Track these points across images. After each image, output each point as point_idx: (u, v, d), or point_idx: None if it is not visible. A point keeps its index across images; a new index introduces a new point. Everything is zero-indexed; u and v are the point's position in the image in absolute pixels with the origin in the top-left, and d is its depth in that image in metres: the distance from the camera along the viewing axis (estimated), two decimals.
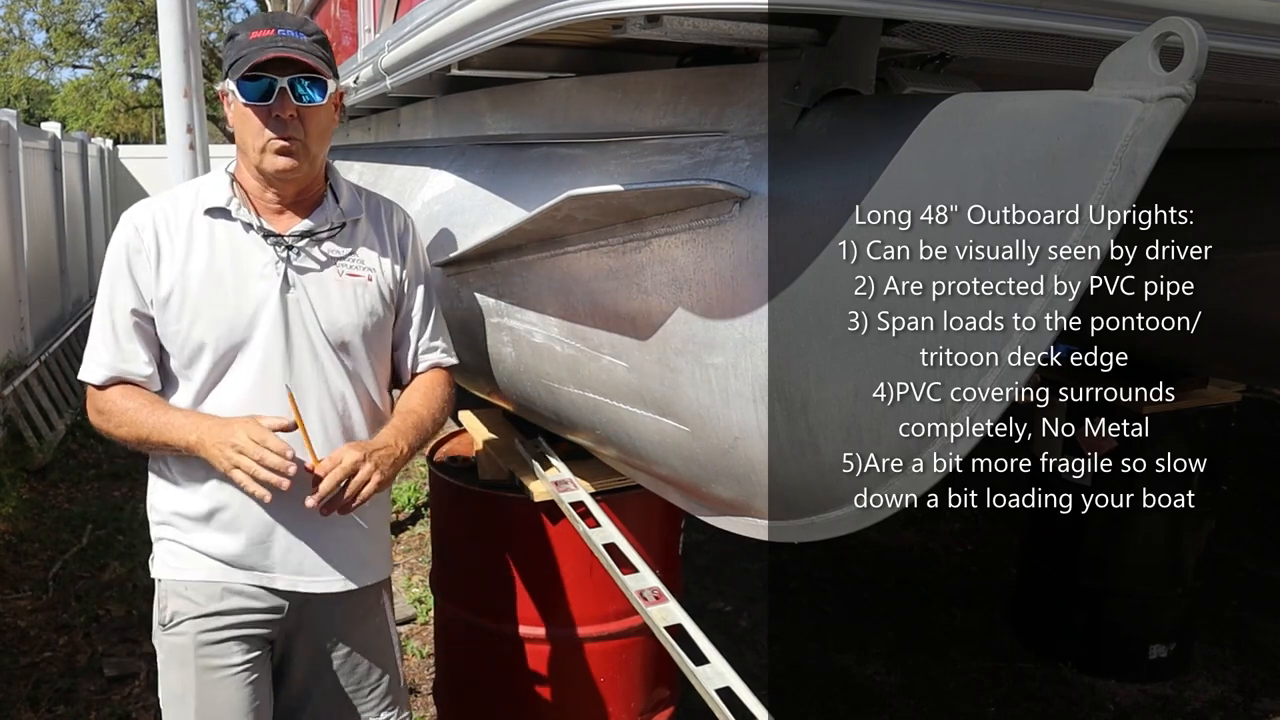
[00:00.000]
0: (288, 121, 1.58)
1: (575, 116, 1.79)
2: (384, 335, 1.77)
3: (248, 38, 1.60)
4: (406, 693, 1.91)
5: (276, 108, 1.57)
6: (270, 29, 1.60)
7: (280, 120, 1.58)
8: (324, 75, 1.59)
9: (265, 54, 1.55)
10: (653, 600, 1.80)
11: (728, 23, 1.22)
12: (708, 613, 3.50)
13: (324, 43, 1.64)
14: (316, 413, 1.66)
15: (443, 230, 2.08)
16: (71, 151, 8.43)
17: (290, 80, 1.57)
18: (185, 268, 1.62)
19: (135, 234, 1.63)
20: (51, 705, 2.91)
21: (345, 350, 1.70)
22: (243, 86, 1.56)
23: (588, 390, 1.67)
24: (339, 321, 1.68)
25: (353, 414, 1.71)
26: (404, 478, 5.03)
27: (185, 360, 1.63)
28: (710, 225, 1.31)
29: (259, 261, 1.64)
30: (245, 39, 1.60)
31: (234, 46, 1.61)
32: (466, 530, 2.14)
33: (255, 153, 1.61)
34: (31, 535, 4.13)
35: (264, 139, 1.59)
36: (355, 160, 3.95)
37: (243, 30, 1.63)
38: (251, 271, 1.64)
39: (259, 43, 1.57)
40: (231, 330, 1.62)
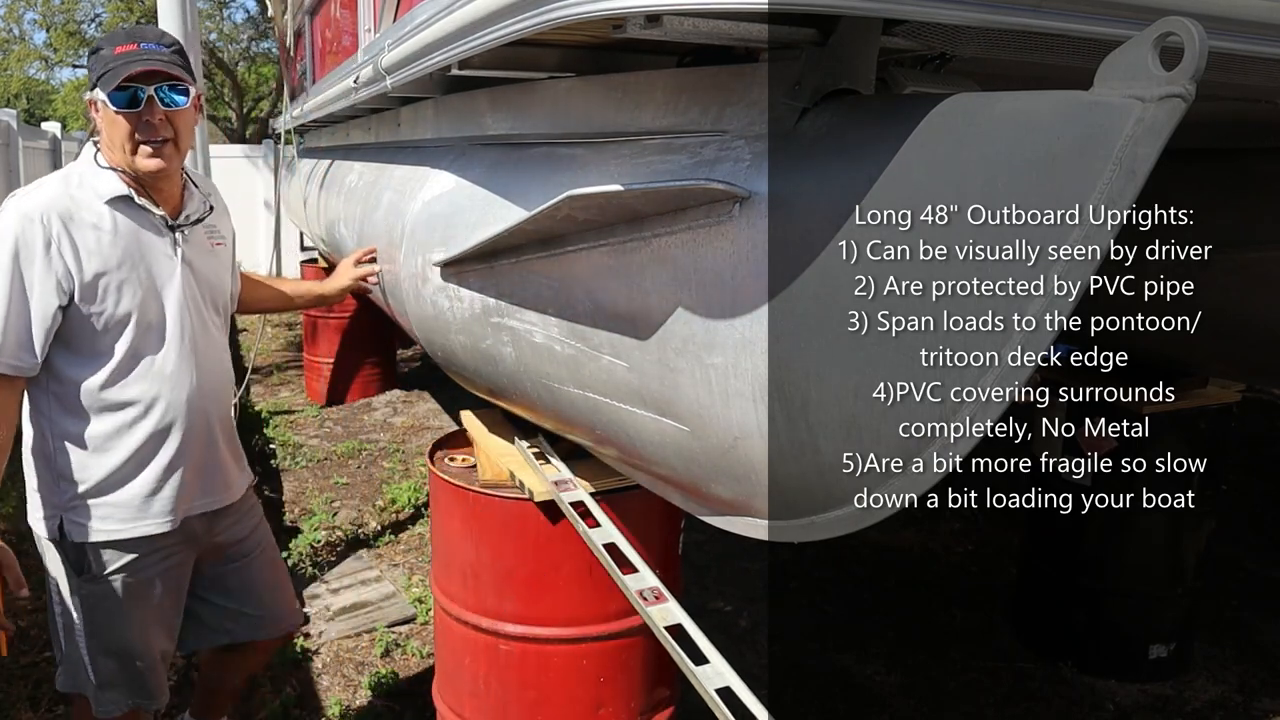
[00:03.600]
0: (158, 125, 1.81)
1: (575, 116, 1.79)
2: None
3: (113, 52, 1.81)
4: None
5: (146, 113, 1.80)
6: (133, 43, 1.82)
7: (150, 124, 1.80)
8: (185, 81, 1.83)
9: (133, 68, 1.77)
10: (653, 600, 1.80)
11: (728, 23, 1.22)
12: (708, 613, 3.50)
13: (182, 53, 1.88)
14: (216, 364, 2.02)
15: (443, 230, 2.08)
16: (71, 151, 8.44)
17: (156, 88, 1.80)
18: (105, 251, 1.82)
19: (38, 224, 1.77)
20: (51, 705, 2.91)
21: (222, 311, 2.07)
22: (113, 96, 1.79)
23: (588, 390, 1.67)
24: (219, 288, 2.05)
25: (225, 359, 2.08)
26: (404, 477, 5.03)
27: (109, 337, 1.84)
28: (710, 225, 1.31)
29: (161, 244, 1.91)
30: (110, 54, 1.81)
31: (100, 60, 1.82)
32: (466, 530, 2.14)
33: (126, 155, 1.83)
34: (31, 535, 4.13)
35: (133, 143, 1.82)
36: (355, 160, 3.95)
37: (107, 45, 1.84)
38: (157, 252, 1.90)
39: (124, 56, 1.79)
40: (147, 308, 1.86)
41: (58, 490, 1.90)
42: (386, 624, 3.44)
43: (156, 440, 1.91)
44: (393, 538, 4.28)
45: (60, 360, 1.84)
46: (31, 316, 1.77)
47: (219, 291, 2.05)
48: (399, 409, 6.43)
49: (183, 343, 1.92)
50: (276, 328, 9.43)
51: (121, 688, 2.00)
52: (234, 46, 19.27)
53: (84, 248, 1.80)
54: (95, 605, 1.94)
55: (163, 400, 1.90)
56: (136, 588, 1.96)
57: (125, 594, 1.94)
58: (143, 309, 1.86)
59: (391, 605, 3.58)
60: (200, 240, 2.00)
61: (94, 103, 1.85)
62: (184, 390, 1.93)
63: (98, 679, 1.98)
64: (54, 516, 1.92)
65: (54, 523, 1.92)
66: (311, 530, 4.24)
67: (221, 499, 2.07)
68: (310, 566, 3.92)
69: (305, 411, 6.36)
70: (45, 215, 1.78)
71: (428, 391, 6.74)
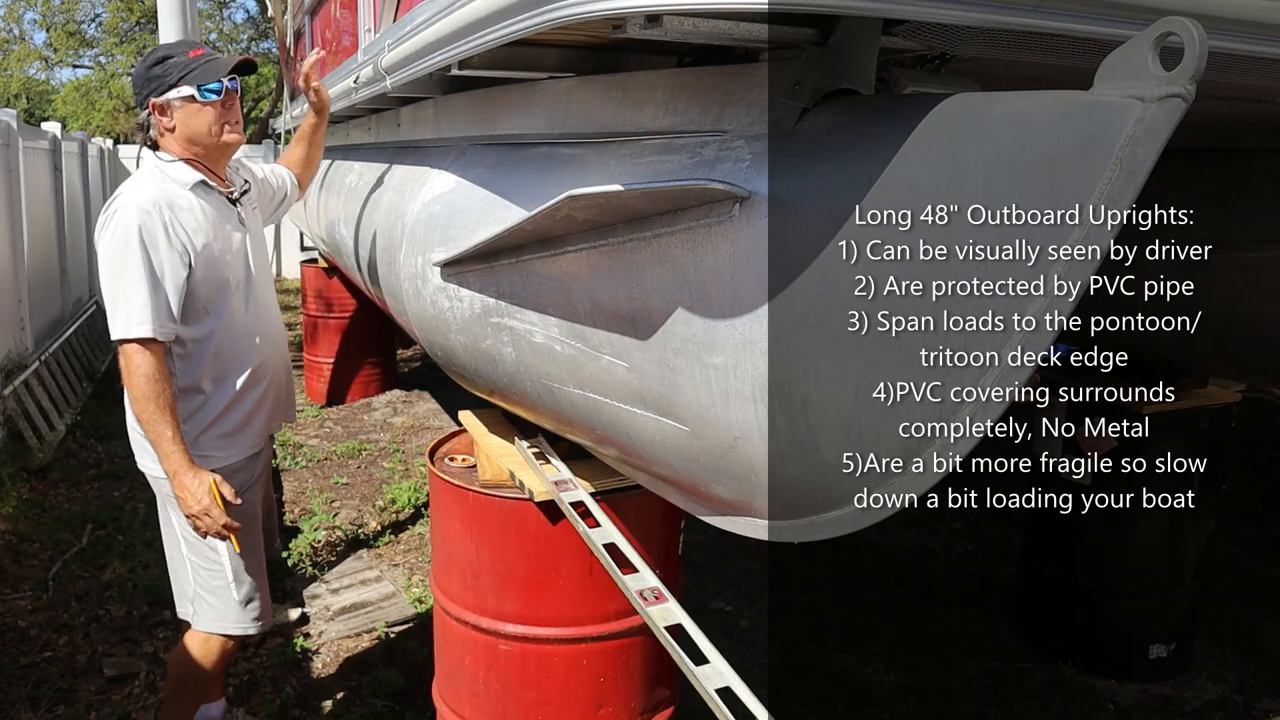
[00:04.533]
0: (235, 108, 2.24)
1: (575, 116, 1.79)
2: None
3: (188, 56, 2.20)
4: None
5: (227, 100, 2.22)
6: (200, 49, 2.24)
7: (230, 108, 2.23)
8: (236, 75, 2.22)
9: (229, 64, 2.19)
10: (653, 600, 1.80)
11: (728, 23, 1.22)
12: (708, 613, 3.50)
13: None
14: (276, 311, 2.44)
15: (443, 230, 2.08)
16: (71, 151, 8.43)
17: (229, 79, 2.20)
18: (204, 227, 2.18)
19: (153, 212, 2.10)
20: (51, 705, 2.91)
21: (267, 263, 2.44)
22: (204, 91, 2.17)
23: (588, 390, 1.67)
24: (263, 244, 2.44)
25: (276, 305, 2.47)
26: (404, 477, 5.03)
27: (214, 300, 2.21)
28: (710, 225, 1.31)
29: (229, 217, 2.29)
30: (187, 58, 2.19)
31: (178, 65, 2.18)
32: (466, 530, 2.14)
33: (215, 136, 2.22)
34: (31, 535, 4.13)
35: (220, 125, 2.21)
36: (355, 160, 3.95)
37: (177, 53, 2.21)
38: (230, 225, 2.28)
39: (203, 57, 2.20)
40: (235, 269, 2.26)
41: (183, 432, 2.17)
42: (386, 624, 3.44)
43: (254, 379, 2.31)
44: (393, 538, 4.28)
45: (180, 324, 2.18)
46: (168, 289, 2.10)
47: (265, 249, 2.46)
48: (399, 409, 6.43)
49: (257, 297, 2.33)
50: None
51: (258, 604, 2.36)
52: (234, 46, 19.27)
53: (189, 226, 2.15)
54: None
55: (253, 346, 2.31)
56: (249, 509, 2.31)
57: (249, 515, 2.31)
58: (233, 273, 2.25)
59: (391, 605, 3.58)
60: (249, 210, 2.39)
61: (166, 105, 2.19)
62: (267, 335, 2.35)
63: (244, 597, 2.32)
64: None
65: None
66: (311, 530, 4.24)
67: (287, 418, 2.52)
68: (310, 566, 3.92)
69: (305, 411, 6.36)
70: (157, 204, 2.11)
71: (428, 391, 6.74)
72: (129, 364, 2.09)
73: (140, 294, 2.07)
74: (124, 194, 2.14)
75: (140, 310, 2.07)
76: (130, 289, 2.07)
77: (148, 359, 2.08)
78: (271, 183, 2.60)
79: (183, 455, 2.10)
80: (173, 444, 2.08)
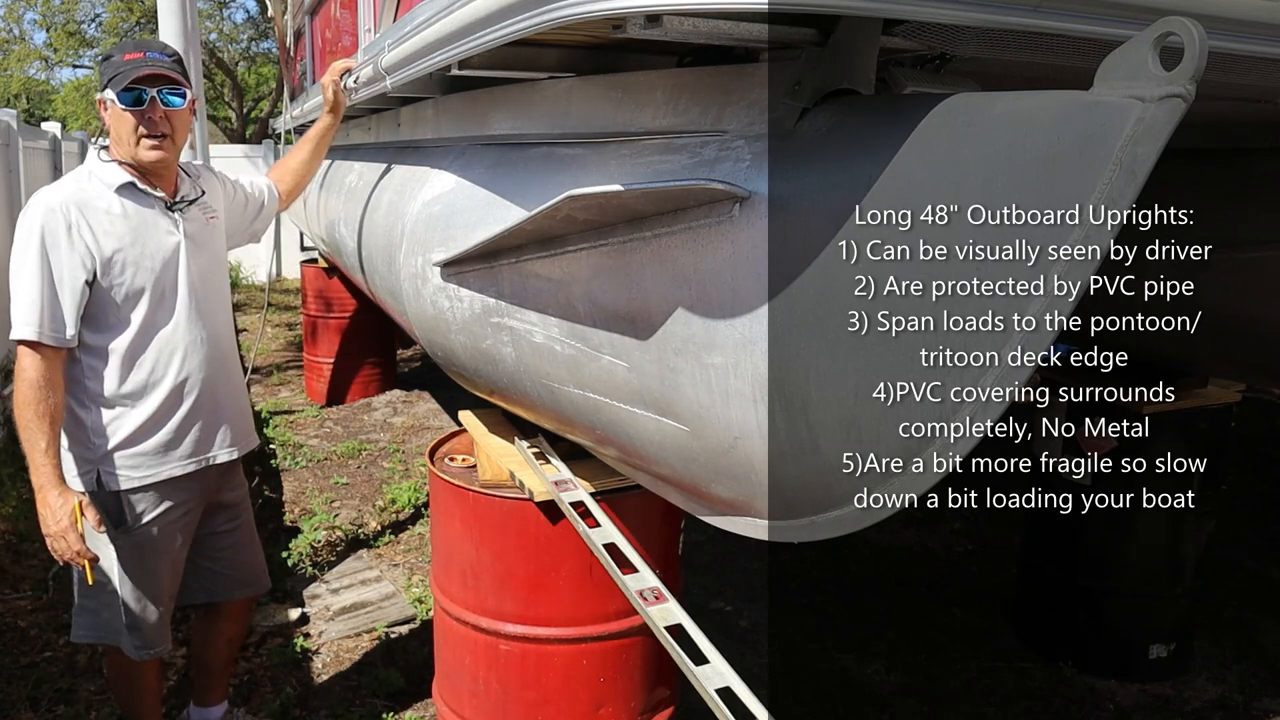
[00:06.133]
0: (158, 121, 2.11)
1: (575, 116, 1.79)
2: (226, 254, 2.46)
3: (122, 59, 2.11)
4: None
5: (149, 111, 2.10)
6: (140, 52, 2.13)
7: (151, 120, 2.10)
8: (183, 86, 2.14)
9: (139, 72, 2.08)
10: (653, 600, 1.80)
11: (728, 23, 1.22)
12: (708, 613, 3.50)
13: (180, 62, 2.19)
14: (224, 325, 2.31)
15: (443, 230, 2.08)
16: (71, 151, 8.43)
17: (158, 90, 2.10)
18: (118, 231, 2.09)
19: (59, 213, 2.04)
20: (51, 705, 2.91)
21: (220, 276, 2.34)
22: (122, 96, 2.08)
23: (588, 390, 1.67)
24: (217, 255, 2.33)
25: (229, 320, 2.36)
26: (404, 477, 5.03)
27: (128, 307, 2.11)
28: (710, 225, 1.31)
29: (165, 222, 2.19)
30: (120, 60, 2.11)
31: (110, 66, 2.12)
32: (466, 530, 2.14)
33: (131, 147, 2.12)
34: (31, 535, 4.13)
35: (137, 136, 2.11)
36: (355, 160, 3.95)
37: (117, 53, 2.15)
38: (162, 230, 2.17)
39: (131, 63, 2.09)
40: (159, 279, 2.14)
41: (91, 446, 2.13)
42: (386, 624, 3.44)
43: (175, 395, 2.18)
44: (393, 538, 4.28)
45: (89, 332, 2.10)
46: (63, 294, 2.02)
47: (219, 260, 2.35)
48: (399, 409, 6.43)
49: (192, 307, 2.19)
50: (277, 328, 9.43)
51: (143, 632, 2.25)
52: (234, 46, 19.27)
53: (99, 229, 2.07)
54: (130, 552, 2.19)
55: (178, 359, 2.18)
56: (162, 538, 2.22)
57: (154, 542, 2.21)
58: (156, 280, 2.14)
59: (391, 605, 3.58)
60: (197, 217, 2.27)
61: (103, 102, 2.14)
62: (197, 349, 2.21)
63: (128, 622, 2.22)
64: (89, 471, 2.15)
65: (90, 476, 2.15)
66: (311, 530, 4.24)
67: (236, 449, 2.35)
68: (310, 566, 3.92)
69: (305, 411, 6.36)
70: (64, 205, 2.06)
71: (428, 391, 6.74)
72: (17, 366, 2.01)
73: (31, 295, 2.00)
74: (41, 191, 2.10)
75: (28, 311, 2.00)
76: (22, 289, 2.01)
77: (35, 363, 2.00)
78: (245, 192, 2.50)
79: (52, 471, 2.02)
80: (44, 456, 2.01)
